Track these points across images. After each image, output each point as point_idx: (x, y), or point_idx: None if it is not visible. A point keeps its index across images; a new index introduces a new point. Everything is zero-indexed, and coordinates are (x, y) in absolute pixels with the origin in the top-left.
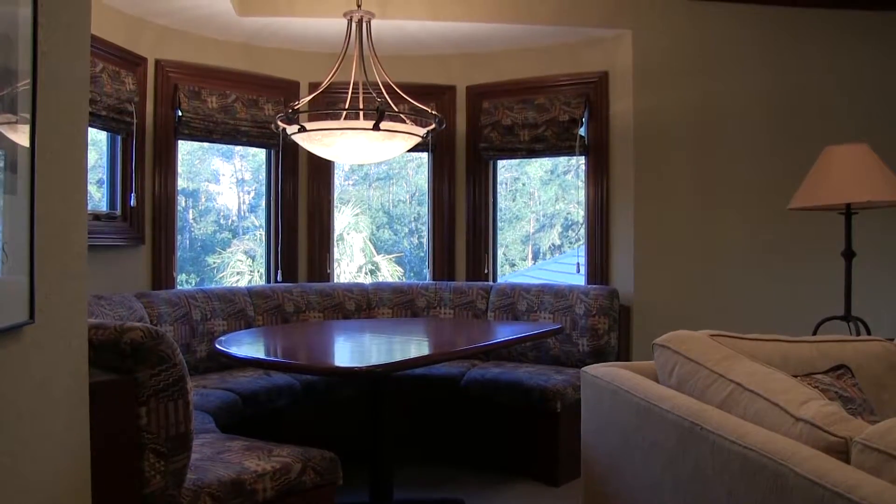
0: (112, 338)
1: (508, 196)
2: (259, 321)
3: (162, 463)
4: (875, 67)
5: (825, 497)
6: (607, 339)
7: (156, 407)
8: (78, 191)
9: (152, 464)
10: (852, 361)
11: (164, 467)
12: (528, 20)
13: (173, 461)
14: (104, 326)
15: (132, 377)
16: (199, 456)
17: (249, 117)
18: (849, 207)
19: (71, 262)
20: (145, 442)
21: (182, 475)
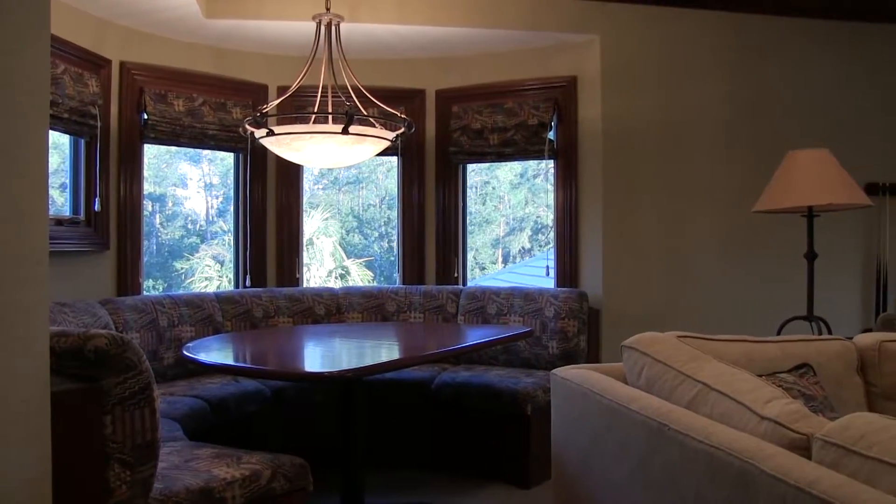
0: (76, 345)
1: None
2: (228, 327)
3: (128, 473)
4: (835, 74)
5: (788, 493)
6: (577, 341)
7: (121, 415)
8: (38, 195)
9: (118, 474)
10: (814, 360)
11: (129, 477)
12: (497, 25)
13: (140, 470)
14: (67, 334)
15: (97, 385)
16: (167, 464)
17: (217, 121)
18: (811, 210)
19: (31, 269)
20: (110, 451)
21: (149, 485)
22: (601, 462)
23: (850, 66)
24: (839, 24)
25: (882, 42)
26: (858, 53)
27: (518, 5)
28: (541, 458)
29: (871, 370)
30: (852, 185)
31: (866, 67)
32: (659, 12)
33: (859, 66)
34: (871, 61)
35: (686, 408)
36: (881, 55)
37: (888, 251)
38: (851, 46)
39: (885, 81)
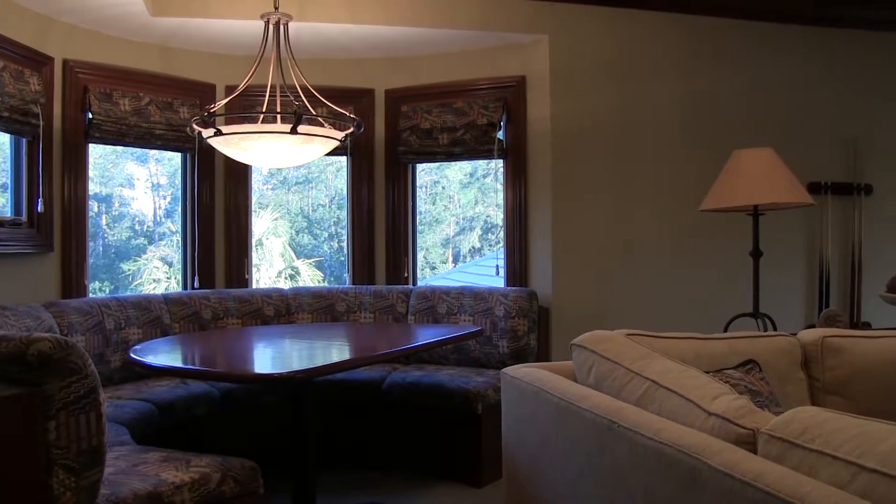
0: (17, 349)
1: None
2: (176, 329)
3: (73, 479)
4: (780, 75)
5: (734, 487)
6: (527, 340)
7: (66, 421)
8: None
9: (62, 480)
10: (760, 356)
11: (74, 483)
12: (447, 24)
13: (85, 476)
14: (8, 338)
15: (39, 390)
16: (114, 469)
17: (164, 120)
18: (756, 209)
19: None
20: (54, 457)
21: (95, 491)
22: (552, 460)
23: (793, 68)
24: (784, 28)
25: (824, 46)
26: (801, 56)
27: (468, 5)
28: (492, 457)
29: (814, 365)
30: (796, 184)
31: (809, 70)
32: (607, 13)
33: (802, 68)
34: (813, 64)
35: (635, 405)
36: (824, 58)
37: (830, 249)
38: (794, 49)
39: (827, 84)
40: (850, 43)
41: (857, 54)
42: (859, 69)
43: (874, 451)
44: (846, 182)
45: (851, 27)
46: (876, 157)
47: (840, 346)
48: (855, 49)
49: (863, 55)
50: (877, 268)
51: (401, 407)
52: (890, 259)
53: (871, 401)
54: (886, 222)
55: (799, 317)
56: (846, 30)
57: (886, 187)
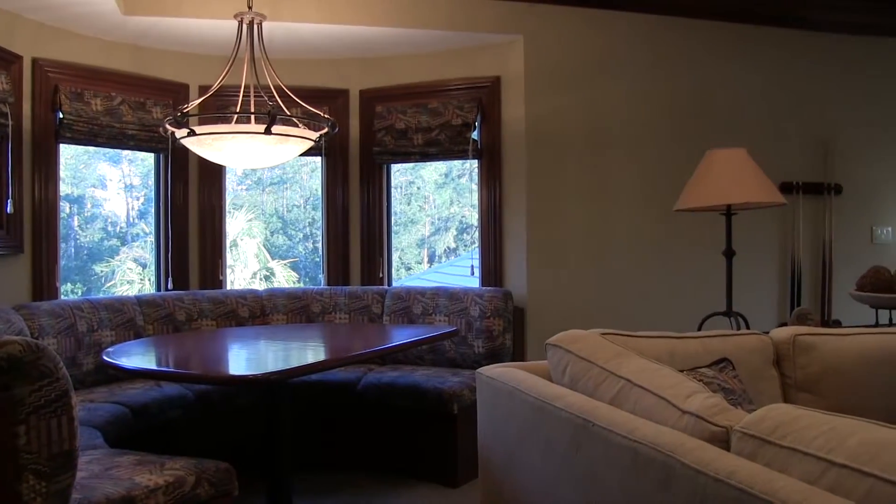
0: None
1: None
2: (149, 331)
3: (43, 484)
4: (753, 77)
5: (708, 484)
6: (502, 340)
7: (36, 425)
8: None
9: (32, 486)
10: (733, 355)
11: (45, 488)
12: (421, 25)
13: (56, 481)
14: None
15: (9, 394)
16: (86, 474)
17: (137, 120)
18: (729, 208)
19: None
20: (24, 462)
21: (66, 495)
22: (527, 460)
23: (766, 69)
24: (757, 30)
25: (794, 47)
26: (772, 57)
27: (442, 6)
28: (468, 457)
29: (786, 363)
30: (768, 184)
31: (781, 71)
32: (582, 14)
33: (775, 70)
34: (786, 66)
35: (610, 404)
36: (796, 60)
37: (802, 248)
38: (767, 51)
39: (799, 86)
40: (822, 46)
41: (828, 57)
42: (830, 72)
43: (843, 447)
44: (817, 182)
45: (823, 31)
46: (846, 157)
47: (811, 344)
48: (826, 52)
49: (834, 58)
50: (847, 266)
51: (376, 407)
52: (859, 258)
53: (841, 397)
54: (856, 222)
55: (771, 315)
56: (818, 33)
57: (856, 187)
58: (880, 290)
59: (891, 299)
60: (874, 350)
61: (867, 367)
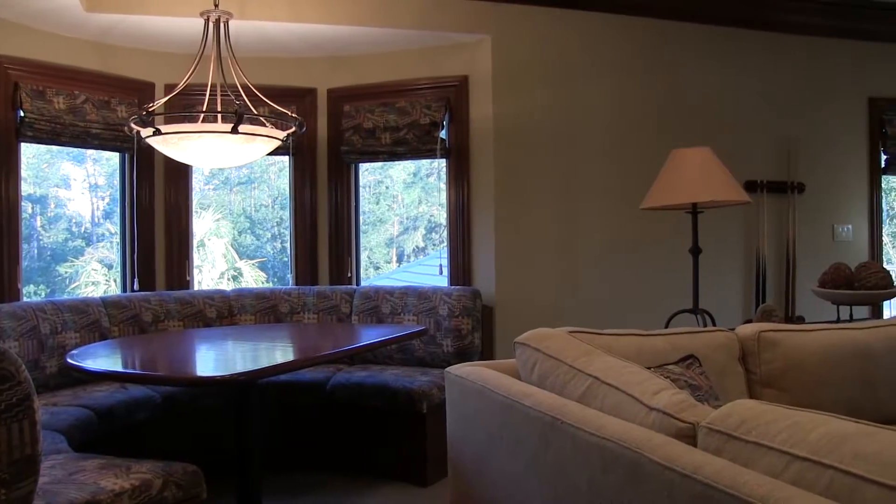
0: None
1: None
2: (115, 332)
3: (3, 491)
4: (718, 77)
5: (675, 479)
6: (471, 339)
7: None
8: None
9: None
10: (699, 351)
11: (6, 495)
12: (389, 24)
13: (17, 488)
14: None
15: None
16: (49, 479)
17: (101, 119)
18: (695, 207)
19: None
20: None
21: (28, 502)
22: (497, 458)
23: (730, 69)
24: (722, 30)
25: (759, 48)
26: (737, 58)
27: (410, 5)
28: (438, 456)
29: (752, 359)
30: (733, 182)
31: (744, 71)
32: (549, 13)
33: (738, 69)
34: (748, 65)
35: (578, 401)
36: (758, 60)
37: (766, 246)
38: (731, 51)
39: (763, 86)
40: (786, 47)
41: (791, 58)
42: (793, 72)
43: (805, 441)
44: (781, 181)
45: (786, 32)
46: (809, 156)
47: (775, 340)
48: (789, 53)
49: (796, 59)
50: (809, 264)
51: (345, 407)
52: (821, 255)
53: (804, 392)
54: (818, 220)
55: (737, 312)
56: (782, 35)
57: (818, 186)
58: (841, 287)
59: (851, 295)
60: (835, 345)
61: (829, 361)
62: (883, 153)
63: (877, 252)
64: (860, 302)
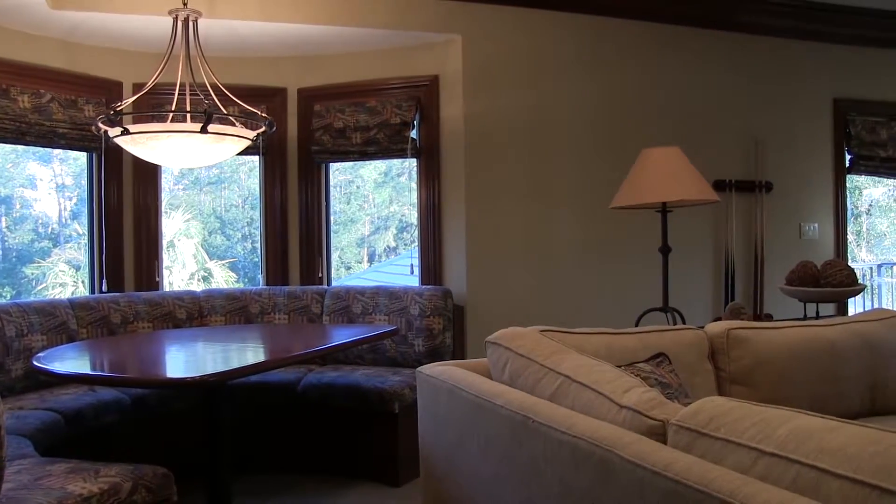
0: None
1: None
2: (83, 335)
3: None
4: (687, 77)
5: (645, 477)
6: (442, 338)
7: None
8: None
9: None
10: (669, 349)
11: None
12: (359, 23)
13: None
14: None
15: None
16: (14, 485)
17: (68, 118)
18: (664, 206)
19: None
20: None
21: None
22: (468, 457)
23: (700, 70)
24: (690, 31)
25: (727, 49)
26: (706, 58)
27: (380, 5)
28: (410, 456)
29: (721, 356)
30: (702, 181)
31: (715, 72)
32: (520, 13)
33: (708, 70)
34: (717, 66)
35: (549, 400)
36: (726, 61)
37: (735, 244)
38: (700, 51)
39: (732, 86)
40: (753, 48)
41: (759, 59)
42: (761, 73)
43: (773, 437)
44: (749, 180)
45: (754, 33)
46: (776, 156)
47: (744, 337)
48: (757, 54)
49: (764, 60)
50: (777, 262)
51: (317, 408)
52: (789, 253)
53: (772, 388)
54: (785, 218)
55: (706, 310)
56: (749, 35)
57: (785, 185)
58: (807, 285)
59: (817, 293)
60: (802, 342)
61: (796, 358)
62: (847, 153)
63: (842, 250)
64: (826, 299)
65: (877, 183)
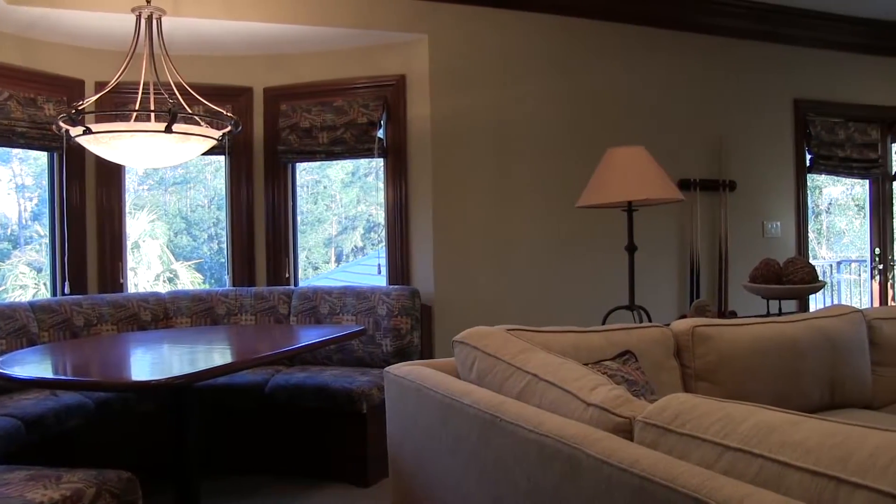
0: None
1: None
2: (45, 338)
3: None
4: (652, 77)
5: (612, 474)
6: (410, 338)
7: None
8: None
9: None
10: (636, 347)
11: None
12: (325, 22)
13: None
14: None
15: None
16: None
17: (27, 117)
18: (630, 205)
19: None
20: None
21: None
22: (437, 456)
23: (665, 70)
24: (656, 32)
25: (691, 50)
26: (671, 59)
27: (347, 4)
28: (379, 456)
29: (686, 353)
30: (667, 180)
31: (680, 72)
32: (486, 13)
33: (673, 70)
34: (684, 67)
35: (517, 399)
36: (691, 62)
37: (700, 242)
38: (666, 52)
39: (696, 86)
40: (716, 49)
41: (722, 60)
42: (724, 74)
43: (737, 432)
44: (713, 179)
45: (716, 35)
46: (739, 155)
47: (709, 334)
48: (720, 55)
49: (726, 61)
50: (741, 259)
51: (285, 409)
52: (752, 251)
53: (736, 384)
54: (749, 217)
55: (672, 308)
56: (712, 37)
57: (748, 184)
58: (770, 282)
59: (779, 290)
60: (765, 338)
61: (759, 354)
62: (808, 152)
63: (803, 247)
64: (788, 296)
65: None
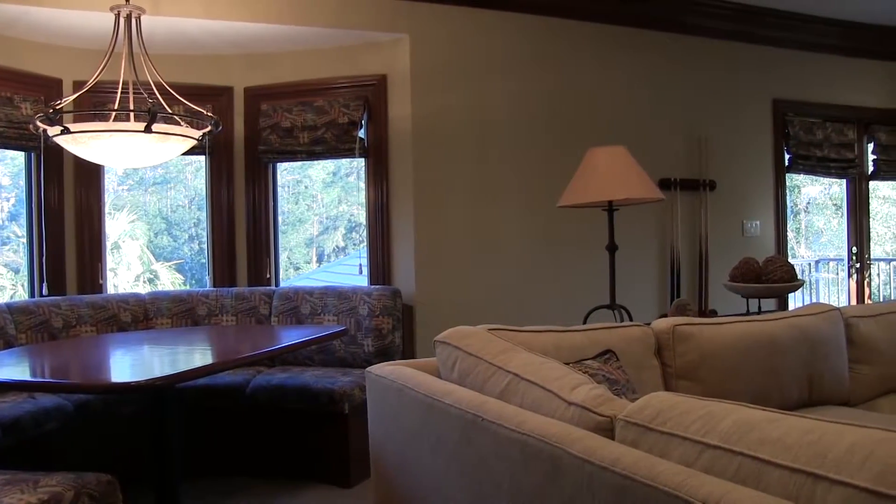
0: None
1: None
2: (22, 340)
3: None
4: (633, 77)
5: (594, 472)
6: (392, 338)
7: None
8: None
9: None
10: (617, 346)
11: None
12: (306, 22)
13: None
14: None
15: None
16: None
17: (3, 117)
18: (611, 205)
19: None
20: None
21: None
22: (418, 456)
23: (646, 70)
24: (638, 32)
25: (671, 50)
26: (652, 59)
27: (328, 3)
28: (361, 457)
29: (667, 352)
30: (647, 180)
31: (660, 72)
32: (467, 13)
33: (654, 70)
34: (662, 67)
35: (498, 398)
36: (671, 62)
37: (680, 241)
38: (646, 52)
39: (677, 86)
40: (697, 49)
41: (702, 60)
42: (704, 74)
43: (717, 430)
44: (693, 178)
45: (698, 35)
46: (719, 155)
47: (689, 333)
48: (701, 55)
49: (707, 61)
50: (721, 258)
51: (266, 410)
52: (732, 250)
53: (716, 382)
54: (728, 216)
55: (652, 307)
56: (694, 37)
57: (728, 183)
58: (750, 281)
59: (759, 289)
60: (745, 337)
61: (739, 352)
62: (786, 152)
63: (782, 246)
64: (767, 295)
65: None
